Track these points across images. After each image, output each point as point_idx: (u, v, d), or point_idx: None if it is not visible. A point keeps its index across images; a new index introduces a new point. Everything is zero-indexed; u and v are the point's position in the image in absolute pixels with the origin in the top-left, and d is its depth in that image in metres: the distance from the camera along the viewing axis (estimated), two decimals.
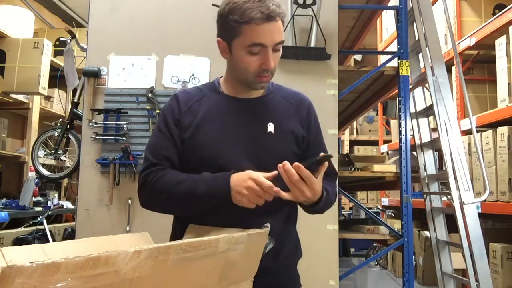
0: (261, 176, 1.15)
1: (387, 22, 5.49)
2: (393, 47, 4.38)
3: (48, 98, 4.93)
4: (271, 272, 1.26)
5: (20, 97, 4.55)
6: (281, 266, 1.32)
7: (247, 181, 1.15)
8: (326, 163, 1.16)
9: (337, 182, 1.49)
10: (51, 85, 4.62)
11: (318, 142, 1.41)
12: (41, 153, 3.56)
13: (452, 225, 2.74)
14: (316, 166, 1.15)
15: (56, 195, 4.55)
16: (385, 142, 6.51)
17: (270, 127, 1.31)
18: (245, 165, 1.23)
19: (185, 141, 1.29)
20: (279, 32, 1.23)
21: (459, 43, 3.91)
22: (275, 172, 1.15)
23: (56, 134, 3.42)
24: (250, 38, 1.21)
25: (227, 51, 1.29)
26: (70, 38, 3.40)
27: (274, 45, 1.23)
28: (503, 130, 3.23)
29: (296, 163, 1.13)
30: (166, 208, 1.34)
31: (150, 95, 2.56)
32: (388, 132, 6.94)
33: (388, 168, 3.09)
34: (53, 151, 3.47)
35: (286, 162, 1.14)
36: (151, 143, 1.34)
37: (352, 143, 7.89)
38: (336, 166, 2.53)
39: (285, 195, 1.14)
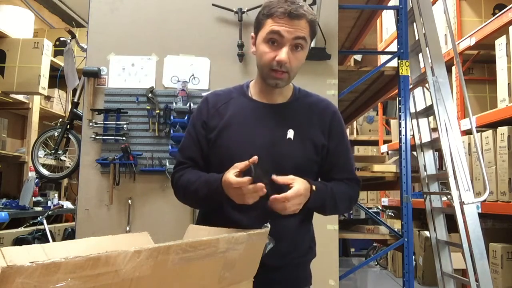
0: (231, 176, 1.18)
1: (387, 22, 5.49)
2: (393, 47, 4.38)
3: (48, 98, 4.93)
4: (281, 268, 1.29)
5: (20, 97, 4.55)
6: (292, 263, 1.35)
7: (225, 187, 1.21)
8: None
9: (359, 188, 1.48)
10: (51, 85, 4.62)
11: (339, 151, 1.41)
12: (41, 153, 3.55)
13: (452, 225, 2.74)
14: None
15: (56, 195, 4.55)
16: (385, 142, 6.51)
17: (290, 134, 1.34)
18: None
19: (210, 141, 1.38)
20: (301, 29, 1.27)
21: (459, 43, 3.91)
22: (244, 164, 1.17)
23: (56, 134, 3.42)
24: (271, 27, 1.27)
25: (254, 43, 1.36)
26: (70, 38, 3.39)
27: (293, 39, 1.27)
28: (503, 130, 3.23)
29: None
30: (187, 202, 1.47)
31: (150, 95, 2.56)
32: (388, 132, 6.94)
33: (388, 168, 3.09)
34: (53, 151, 3.47)
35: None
36: (181, 144, 1.46)
37: (352, 143, 7.88)
38: None
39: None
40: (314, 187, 1.28)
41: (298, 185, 1.20)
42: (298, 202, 1.21)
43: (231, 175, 1.18)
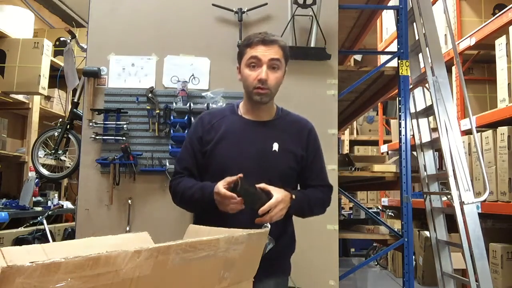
0: (221, 187, 1.43)
1: (387, 22, 5.49)
2: (393, 47, 4.38)
3: (48, 98, 4.93)
4: (262, 259, 1.36)
5: (20, 97, 4.55)
6: (273, 256, 1.48)
7: (215, 195, 1.46)
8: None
9: (331, 193, 1.75)
10: (51, 85, 4.61)
11: (315, 162, 1.69)
12: (41, 153, 3.55)
13: (452, 225, 2.74)
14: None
15: (56, 195, 4.55)
16: (385, 142, 6.51)
17: (275, 146, 1.59)
18: (251, 177, 1.47)
19: (207, 153, 1.61)
20: (275, 52, 1.55)
21: (459, 43, 3.91)
22: (233, 179, 1.42)
23: (56, 134, 3.41)
24: (250, 54, 1.55)
25: (239, 72, 1.62)
26: (70, 38, 3.39)
27: (269, 60, 1.53)
28: (503, 130, 3.23)
29: None
30: (183, 207, 1.70)
31: (150, 95, 2.56)
32: (388, 132, 6.94)
33: (388, 168, 3.09)
34: (53, 151, 3.46)
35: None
36: (179, 156, 1.72)
37: (352, 143, 7.89)
38: (336, 166, 2.53)
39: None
40: (293, 196, 1.53)
41: (276, 194, 1.45)
42: (280, 208, 1.45)
43: (221, 187, 1.43)
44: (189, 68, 2.63)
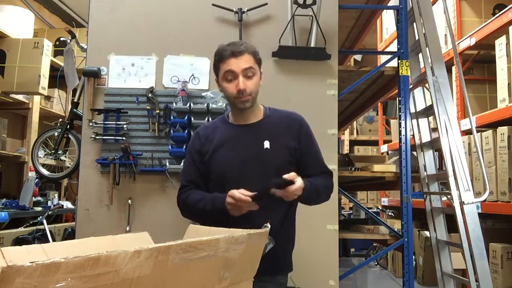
0: (236, 191, 1.52)
1: (387, 22, 5.49)
2: (393, 47, 4.38)
3: (48, 98, 4.93)
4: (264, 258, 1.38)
5: (20, 97, 4.55)
6: (275, 254, 1.53)
7: (228, 198, 1.55)
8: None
9: (332, 178, 1.79)
10: (51, 85, 4.61)
11: (311, 151, 1.75)
12: (41, 153, 3.54)
13: (452, 225, 2.74)
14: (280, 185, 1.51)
15: (56, 195, 4.54)
16: (385, 142, 6.51)
17: (266, 144, 1.68)
18: (249, 177, 1.61)
19: (206, 163, 1.72)
20: (247, 62, 1.63)
21: (459, 43, 3.91)
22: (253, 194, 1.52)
23: (56, 134, 3.41)
24: (224, 69, 1.64)
25: (219, 85, 1.71)
26: (70, 38, 3.39)
27: (242, 70, 1.62)
28: (503, 130, 3.23)
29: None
30: (193, 219, 1.79)
31: (150, 95, 2.56)
32: (388, 132, 6.93)
33: (388, 168, 3.09)
34: (53, 151, 3.46)
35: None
36: (183, 170, 1.85)
37: (352, 143, 7.89)
38: (336, 166, 2.53)
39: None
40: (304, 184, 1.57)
41: (299, 179, 1.54)
42: (299, 187, 1.53)
43: (237, 192, 1.52)
44: (189, 68, 2.63)
